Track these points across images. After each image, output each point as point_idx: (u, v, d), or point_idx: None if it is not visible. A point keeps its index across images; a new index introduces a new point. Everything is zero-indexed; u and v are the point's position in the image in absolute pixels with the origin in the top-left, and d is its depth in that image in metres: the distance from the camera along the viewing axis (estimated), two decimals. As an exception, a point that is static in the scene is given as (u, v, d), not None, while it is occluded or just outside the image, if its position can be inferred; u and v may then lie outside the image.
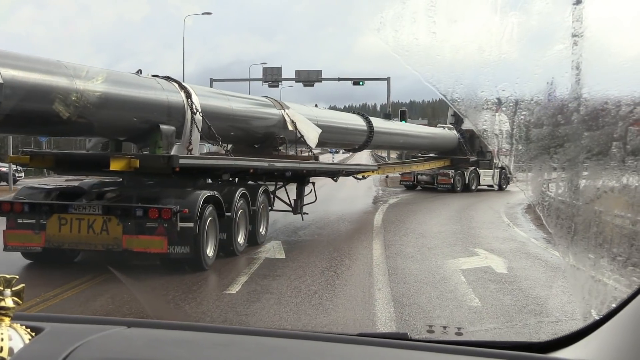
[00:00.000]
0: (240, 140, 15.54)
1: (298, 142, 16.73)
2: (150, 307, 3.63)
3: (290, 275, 10.81)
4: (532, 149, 1.92)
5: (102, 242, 10.68)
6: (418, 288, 9.80)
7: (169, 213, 10.41)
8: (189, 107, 12.30)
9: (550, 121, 1.91)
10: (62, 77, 9.76)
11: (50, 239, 10.84)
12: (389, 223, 18.62)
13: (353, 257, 12.85)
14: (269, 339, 1.95)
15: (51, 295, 9.35)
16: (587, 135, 1.86)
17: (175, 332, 1.98)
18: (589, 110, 1.86)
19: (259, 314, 8.35)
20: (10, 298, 1.69)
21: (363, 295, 9.38)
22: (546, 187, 1.95)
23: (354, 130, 21.18)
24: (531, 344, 1.91)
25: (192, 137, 12.42)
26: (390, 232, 16.62)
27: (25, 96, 9.11)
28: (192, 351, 1.80)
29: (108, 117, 10.85)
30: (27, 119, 9.66)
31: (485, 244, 14.62)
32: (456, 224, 18.87)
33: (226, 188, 13.09)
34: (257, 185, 15.14)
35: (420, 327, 7.72)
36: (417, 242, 14.83)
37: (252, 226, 13.87)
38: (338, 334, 1.97)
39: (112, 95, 10.69)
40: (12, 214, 11.06)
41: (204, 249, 11.15)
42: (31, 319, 1.87)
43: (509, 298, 9.16)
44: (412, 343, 1.93)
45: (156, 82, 12.23)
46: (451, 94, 1.92)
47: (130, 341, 1.87)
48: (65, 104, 9.64)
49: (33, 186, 12.34)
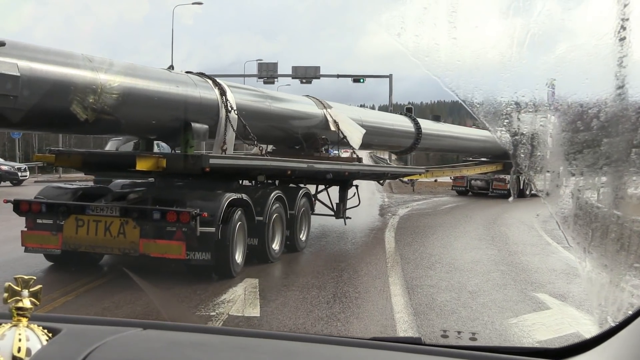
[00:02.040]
0: (279, 141, 15.54)
1: (341, 143, 16.58)
2: (164, 310, 3.77)
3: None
4: (551, 154, 2.03)
5: (119, 246, 10.63)
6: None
7: (187, 216, 10.26)
8: (223, 104, 12.31)
9: (569, 127, 2.02)
10: (86, 71, 9.65)
11: (67, 241, 10.83)
12: (404, 245, 15.69)
13: (362, 315, 9.18)
14: (285, 342, 2.07)
15: (57, 295, 9.57)
16: (606, 141, 1.97)
17: (191, 334, 2.07)
18: (608, 117, 1.96)
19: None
20: (28, 299, 1.80)
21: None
22: (564, 193, 2.06)
23: (400, 132, 21.05)
24: (546, 349, 1.99)
25: (227, 137, 12.41)
26: (409, 261, 13.37)
27: (44, 91, 9.00)
28: (208, 354, 1.91)
29: (136, 114, 10.81)
30: (47, 115, 9.53)
31: (545, 283, 11.44)
32: (491, 247, 15.99)
33: (260, 191, 12.98)
34: (297, 188, 14.94)
35: (434, 332, 7.52)
36: (452, 281, 11.42)
37: (289, 231, 13.70)
38: (352, 338, 2.09)
39: (140, 90, 10.66)
40: (30, 214, 11.12)
41: (231, 255, 10.99)
42: (48, 320, 1.97)
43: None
44: (425, 348, 2.02)
45: (188, 78, 12.20)
46: (470, 99, 2.04)
47: (147, 343, 1.98)
48: (88, 99, 9.54)
49: (57, 186, 12.47)
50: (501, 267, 13.03)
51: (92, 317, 2.30)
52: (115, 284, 10.32)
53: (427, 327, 8.45)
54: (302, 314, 8.99)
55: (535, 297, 10.21)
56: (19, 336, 1.74)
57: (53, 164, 12.66)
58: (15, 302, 1.79)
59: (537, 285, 11.19)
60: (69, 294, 9.80)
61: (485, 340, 7.52)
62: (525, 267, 13.07)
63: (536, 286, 11.13)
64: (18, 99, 8.50)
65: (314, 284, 11.04)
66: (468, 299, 10.09)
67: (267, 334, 2.15)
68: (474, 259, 13.89)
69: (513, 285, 11.27)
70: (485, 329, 8.46)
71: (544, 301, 9.92)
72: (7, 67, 8.32)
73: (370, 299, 10.16)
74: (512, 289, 10.97)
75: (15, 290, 1.81)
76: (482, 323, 8.72)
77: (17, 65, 8.45)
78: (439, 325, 8.58)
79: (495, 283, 11.35)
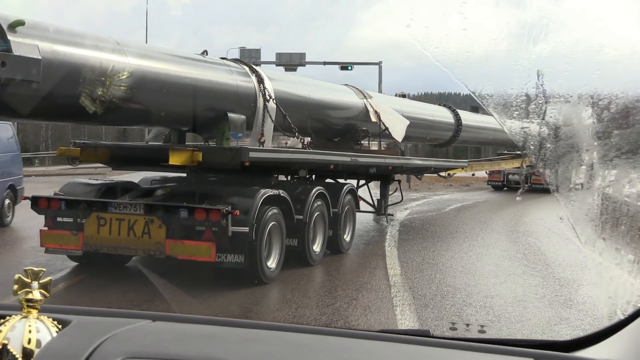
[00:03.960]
0: (317, 133, 14.84)
1: (382, 135, 16.13)
2: (173, 302, 3.89)
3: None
4: (561, 147, 2.10)
5: (143, 247, 10.13)
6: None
7: (217, 215, 9.69)
8: (261, 93, 11.89)
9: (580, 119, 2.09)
10: (113, 54, 9.23)
11: (88, 241, 10.32)
12: (412, 270, 12.25)
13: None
14: (294, 334, 2.17)
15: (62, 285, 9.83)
16: (617, 133, 2.03)
17: (201, 326, 2.16)
18: (619, 108, 2.02)
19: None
20: (38, 290, 1.89)
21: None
22: (574, 186, 2.13)
23: (440, 124, 20.72)
24: (555, 342, 2.06)
25: (265, 128, 12.00)
26: (428, 307, 9.59)
27: (68, 76, 8.48)
28: (218, 345, 1.99)
29: (169, 103, 10.37)
30: (71, 104, 8.92)
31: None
32: (532, 273, 12.42)
33: (300, 187, 12.58)
34: (341, 183, 14.54)
35: (443, 325, 7.43)
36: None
37: (332, 231, 13.20)
38: (361, 330, 2.19)
39: (173, 76, 10.28)
40: (49, 212, 10.70)
41: (263, 258, 10.51)
42: (58, 312, 2.07)
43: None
44: (434, 340, 2.10)
45: (224, 64, 11.91)
46: (480, 91, 2.12)
47: (157, 335, 2.07)
48: (117, 86, 9.05)
49: (80, 181, 11.87)
50: (562, 312, 9.53)
51: (101, 309, 2.37)
52: (124, 275, 10.38)
53: (436, 319, 8.47)
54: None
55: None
56: (29, 328, 1.82)
57: (78, 159, 11.70)
58: (25, 293, 1.88)
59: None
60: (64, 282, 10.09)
61: (493, 332, 7.46)
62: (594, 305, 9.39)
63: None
64: (40, 85, 7.95)
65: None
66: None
67: (276, 325, 2.26)
68: (516, 296, 10.42)
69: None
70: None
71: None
72: (28, 50, 7.77)
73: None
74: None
75: (25, 282, 1.90)
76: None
77: (37, 47, 7.92)
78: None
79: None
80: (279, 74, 15.06)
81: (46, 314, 1.91)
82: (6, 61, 7.50)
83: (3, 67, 7.45)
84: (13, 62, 7.56)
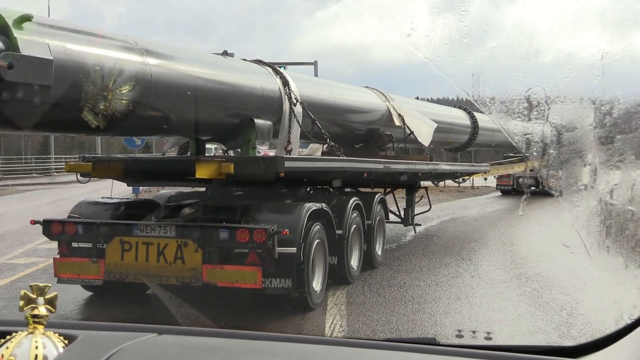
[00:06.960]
0: (339, 138, 13.51)
1: (407, 139, 15.66)
2: (179, 315, 4.00)
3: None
4: (564, 152, 2.22)
5: (177, 274, 9.19)
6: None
7: (263, 235, 8.87)
8: (286, 96, 11.13)
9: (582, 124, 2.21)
10: (130, 54, 8.35)
11: (111, 269, 9.41)
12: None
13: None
14: (299, 345, 2.27)
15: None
16: (620, 138, 2.15)
17: (207, 338, 2.28)
18: (621, 114, 2.14)
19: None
20: (44, 306, 1.97)
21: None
22: (577, 190, 2.24)
23: (459, 127, 20.48)
24: (562, 348, 2.15)
25: (292, 134, 11.16)
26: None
27: (82, 80, 7.42)
28: (224, 357, 2.10)
29: (190, 109, 9.51)
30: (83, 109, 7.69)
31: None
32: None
33: (335, 198, 11.91)
34: (372, 193, 14.17)
35: (449, 332, 7.44)
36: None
37: (366, 245, 12.65)
38: (366, 339, 2.31)
39: (195, 79, 9.48)
40: (64, 237, 9.78)
41: (311, 281, 9.84)
42: (64, 327, 2.17)
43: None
44: (440, 348, 2.20)
45: (247, 65, 11.25)
46: (482, 98, 2.25)
47: (163, 348, 2.17)
48: (134, 91, 8.10)
49: (93, 200, 11.02)
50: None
51: (107, 323, 2.45)
52: (128, 289, 9.99)
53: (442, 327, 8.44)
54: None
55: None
56: (36, 344, 1.88)
57: (90, 175, 10.67)
58: (31, 309, 1.96)
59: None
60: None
61: (500, 339, 7.46)
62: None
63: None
64: (51, 90, 6.96)
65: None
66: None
67: (281, 337, 2.36)
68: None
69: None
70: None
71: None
72: (38, 49, 6.82)
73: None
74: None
75: (30, 297, 1.98)
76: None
77: (48, 46, 6.95)
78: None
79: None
80: (300, 75, 13.74)
81: (52, 330, 1.99)
82: (14, 63, 6.48)
83: (10, 69, 6.45)
84: (21, 63, 6.56)
